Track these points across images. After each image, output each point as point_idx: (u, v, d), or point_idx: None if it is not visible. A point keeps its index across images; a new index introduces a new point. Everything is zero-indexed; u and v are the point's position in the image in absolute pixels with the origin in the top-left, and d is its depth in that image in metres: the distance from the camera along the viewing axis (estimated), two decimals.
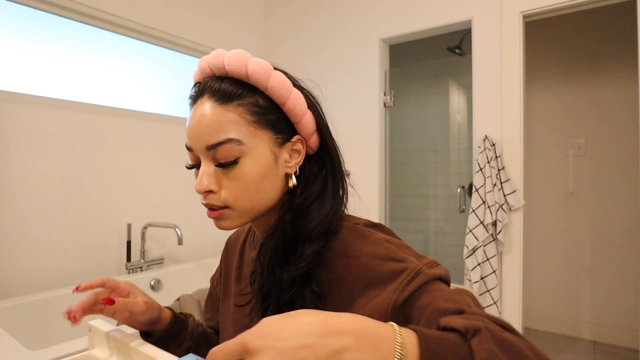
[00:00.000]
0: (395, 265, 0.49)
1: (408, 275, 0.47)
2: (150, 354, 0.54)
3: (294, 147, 0.57)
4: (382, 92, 2.24)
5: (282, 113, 0.55)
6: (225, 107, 0.52)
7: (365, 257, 0.51)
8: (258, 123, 0.53)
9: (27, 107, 1.54)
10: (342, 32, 2.35)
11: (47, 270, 1.58)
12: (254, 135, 0.53)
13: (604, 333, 2.51)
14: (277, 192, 0.56)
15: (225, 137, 0.51)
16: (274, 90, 0.53)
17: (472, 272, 1.79)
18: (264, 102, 0.54)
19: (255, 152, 0.53)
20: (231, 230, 0.62)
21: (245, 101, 0.53)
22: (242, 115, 0.53)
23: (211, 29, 2.30)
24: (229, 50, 0.55)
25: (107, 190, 1.78)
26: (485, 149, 1.80)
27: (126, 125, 1.87)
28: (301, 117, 0.55)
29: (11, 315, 1.30)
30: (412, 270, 0.47)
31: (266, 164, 0.54)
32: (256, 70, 0.52)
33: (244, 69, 0.53)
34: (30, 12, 1.60)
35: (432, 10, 2.04)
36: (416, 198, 2.54)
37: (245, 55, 0.54)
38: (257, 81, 0.53)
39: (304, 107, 0.56)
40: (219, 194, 0.53)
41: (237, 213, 0.55)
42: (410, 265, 0.48)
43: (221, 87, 0.54)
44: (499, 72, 1.84)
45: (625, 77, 2.49)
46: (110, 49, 1.88)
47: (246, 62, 0.53)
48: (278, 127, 0.55)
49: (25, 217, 1.52)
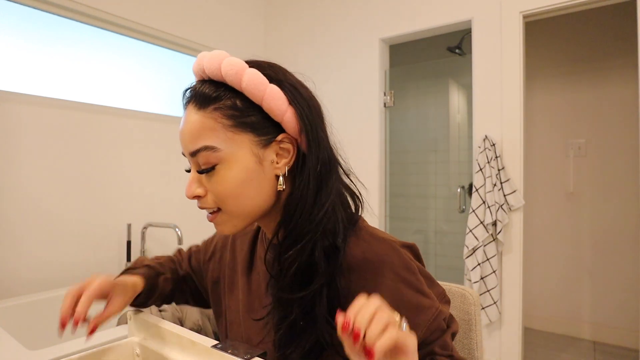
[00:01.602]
0: (423, 299, 0.53)
1: (433, 315, 0.52)
2: (193, 339, 0.57)
3: (282, 146, 0.54)
4: (382, 92, 2.24)
5: (264, 113, 0.53)
6: (202, 113, 0.52)
7: (399, 281, 0.53)
8: (236, 127, 0.52)
9: (27, 107, 1.54)
10: (342, 32, 2.35)
11: (47, 270, 1.58)
12: (232, 140, 0.52)
13: (604, 333, 2.51)
14: (266, 195, 0.55)
15: (202, 145, 0.52)
16: (248, 90, 0.51)
17: (472, 272, 1.79)
18: (242, 103, 0.52)
19: (233, 157, 0.52)
20: None
21: (222, 104, 0.52)
22: (218, 120, 0.52)
23: (211, 29, 2.30)
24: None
25: (107, 190, 1.78)
26: (485, 149, 1.80)
27: (126, 125, 1.87)
28: (282, 115, 0.53)
29: (11, 315, 1.30)
30: (435, 310, 0.53)
31: (247, 168, 0.52)
32: (228, 71, 0.51)
33: (218, 70, 0.52)
34: (30, 12, 1.60)
35: (432, 10, 2.04)
36: (416, 198, 2.54)
37: (220, 56, 0.52)
38: (232, 82, 0.52)
39: (282, 104, 0.52)
40: (206, 198, 0.54)
41: (228, 217, 0.55)
42: (434, 304, 0.53)
43: (201, 90, 0.53)
44: (499, 72, 1.84)
45: (625, 77, 2.49)
46: (110, 49, 1.88)
47: (220, 62, 0.52)
48: (260, 128, 0.53)
49: (25, 217, 1.52)
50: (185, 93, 0.57)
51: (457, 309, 0.80)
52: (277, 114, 0.52)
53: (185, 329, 0.61)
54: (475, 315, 0.78)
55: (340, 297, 0.52)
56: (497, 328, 1.83)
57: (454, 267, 2.21)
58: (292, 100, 0.53)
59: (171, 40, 2.11)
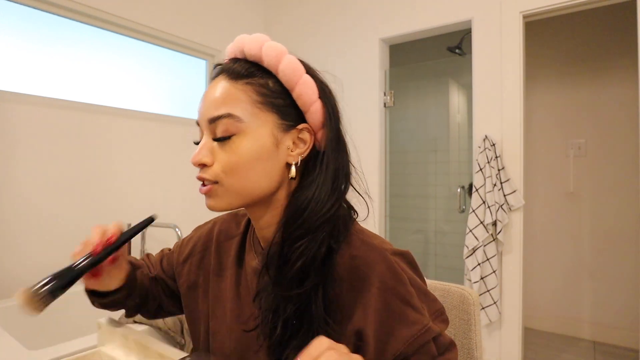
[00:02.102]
0: (411, 313, 0.50)
1: (419, 331, 0.49)
2: (161, 351, 0.55)
3: (300, 136, 0.55)
4: (382, 92, 2.24)
5: (291, 99, 0.54)
6: (233, 84, 0.53)
7: (386, 291, 0.50)
8: (263, 104, 0.53)
9: (27, 107, 1.54)
10: (342, 32, 2.35)
11: (46, 270, 1.57)
12: (256, 115, 0.53)
13: (604, 333, 2.51)
14: (271, 180, 0.54)
15: (226, 112, 0.52)
16: (284, 73, 0.53)
17: (472, 272, 1.79)
18: (274, 85, 0.54)
19: (254, 132, 0.52)
20: (219, 213, 0.59)
21: (254, 81, 0.53)
22: (248, 93, 0.53)
23: (211, 29, 2.30)
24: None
25: (107, 190, 1.78)
26: (485, 149, 1.80)
27: (126, 125, 1.87)
28: (309, 105, 0.54)
29: (11, 315, 1.30)
30: (422, 327, 0.49)
31: (264, 146, 0.53)
32: (269, 52, 0.53)
33: (259, 50, 0.54)
34: (30, 12, 1.60)
35: (432, 10, 2.04)
36: (416, 198, 2.54)
37: (262, 38, 0.55)
38: (269, 63, 0.53)
39: (313, 95, 0.54)
40: (211, 167, 0.53)
41: (225, 190, 0.53)
42: (423, 320, 0.50)
43: (235, 66, 0.55)
44: (499, 72, 1.84)
45: (625, 77, 2.49)
46: (110, 49, 1.88)
47: (262, 44, 0.54)
48: (285, 113, 0.54)
49: (25, 217, 1.52)
50: (215, 67, 0.58)
51: (457, 309, 0.80)
52: (306, 102, 0.54)
53: (155, 340, 0.59)
54: (475, 315, 0.78)
55: (331, 304, 0.51)
56: (497, 328, 1.83)
57: (454, 267, 2.21)
58: (322, 94, 0.55)
59: (171, 40, 2.11)
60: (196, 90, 2.33)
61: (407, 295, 0.50)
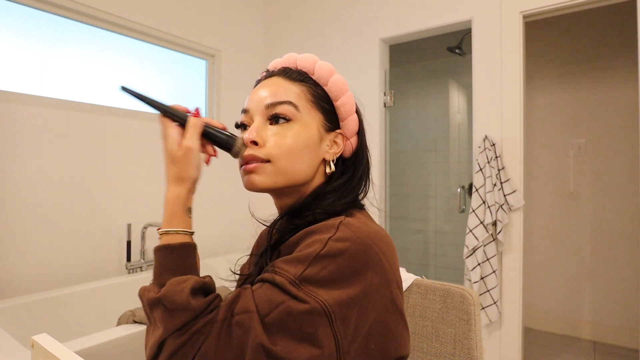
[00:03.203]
0: (294, 260, 0.49)
1: (272, 267, 0.50)
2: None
3: (335, 139, 0.63)
4: (382, 92, 2.24)
5: (333, 108, 0.63)
6: (291, 82, 0.61)
7: (308, 234, 0.53)
8: (314, 104, 0.61)
9: (27, 107, 1.54)
10: (342, 32, 2.35)
11: (47, 270, 1.58)
12: (309, 110, 0.60)
13: (604, 333, 2.51)
14: (312, 170, 0.60)
15: (288, 99, 0.59)
16: (334, 84, 0.62)
17: (472, 272, 1.79)
18: (322, 92, 0.62)
19: (306, 123, 0.59)
20: (255, 193, 0.61)
21: (307, 84, 0.61)
22: (303, 92, 0.61)
23: (211, 29, 2.30)
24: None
25: (107, 190, 1.78)
26: (485, 149, 1.80)
27: (126, 125, 1.87)
28: (348, 115, 0.63)
29: (11, 315, 1.30)
30: (274, 266, 0.50)
31: (312, 137, 0.59)
32: (323, 66, 0.62)
33: (312, 66, 0.63)
34: (30, 12, 1.60)
35: (432, 10, 2.04)
36: (416, 198, 2.54)
37: (314, 57, 0.64)
38: (320, 76, 0.62)
39: (351, 108, 0.64)
40: (265, 147, 0.57)
41: (275, 170, 0.57)
42: (285, 265, 0.49)
43: (289, 72, 0.63)
44: (499, 72, 1.84)
45: (625, 77, 2.49)
46: (110, 49, 1.88)
47: (315, 60, 0.63)
48: (328, 115, 0.62)
49: (25, 217, 1.52)
50: (267, 71, 0.66)
51: (457, 309, 0.80)
52: (347, 111, 0.63)
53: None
54: (475, 315, 0.78)
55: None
56: (497, 328, 1.83)
57: (454, 267, 2.22)
58: (357, 109, 0.66)
59: (171, 40, 2.11)
60: (196, 90, 2.33)
61: (310, 257, 0.48)
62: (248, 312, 0.46)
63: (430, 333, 0.84)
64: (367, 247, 0.50)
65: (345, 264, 0.48)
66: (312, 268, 0.47)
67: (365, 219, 0.57)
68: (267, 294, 0.47)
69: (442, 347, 0.81)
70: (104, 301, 1.57)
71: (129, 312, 1.26)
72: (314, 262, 0.47)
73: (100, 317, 1.52)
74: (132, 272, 1.79)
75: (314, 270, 0.47)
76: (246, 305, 0.46)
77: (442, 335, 0.82)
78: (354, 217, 0.55)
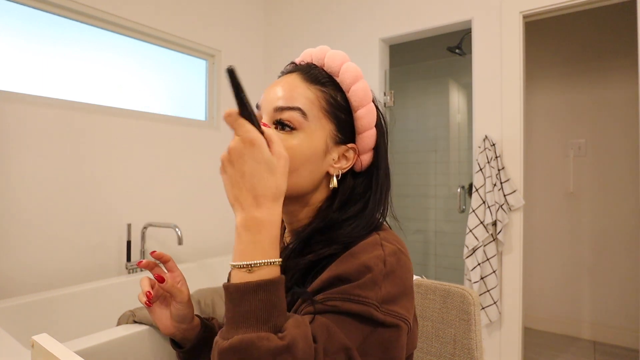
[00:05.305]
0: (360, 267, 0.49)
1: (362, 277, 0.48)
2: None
3: (346, 153, 0.59)
4: (382, 92, 2.24)
5: (351, 118, 0.59)
6: (307, 85, 0.57)
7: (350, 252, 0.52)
8: (327, 113, 0.57)
9: (27, 107, 1.54)
10: (342, 32, 2.35)
11: (47, 270, 1.58)
12: (319, 120, 0.56)
13: (604, 333, 2.51)
14: (311, 183, 0.57)
15: (297, 106, 0.55)
16: (355, 93, 0.57)
17: (472, 272, 1.79)
18: (341, 100, 0.58)
19: (312, 134, 0.56)
20: None
21: (326, 90, 0.57)
22: (318, 98, 0.57)
23: (211, 29, 2.30)
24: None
25: (107, 190, 1.78)
26: (485, 149, 1.80)
27: (126, 125, 1.87)
28: (366, 129, 0.58)
29: (11, 315, 1.30)
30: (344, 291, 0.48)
31: (316, 150, 0.56)
32: (348, 70, 0.58)
33: (338, 66, 0.58)
34: (30, 12, 1.60)
35: (432, 10, 2.04)
36: (416, 198, 2.54)
37: (345, 56, 0.60)
38: (344, 80, 0.58)
39: (372, 121, 0.59)
40: None
41: None
42: (370, 298, 0.48)
43: (312, 71, 0.59)
44: (499, 72, 1.84)
45: (625, 77, 2.49)
46: (110, 49, 1.88)
47: (343, 61, 0.59)
48: (342, 127, 0.58)
49: (25, 217, 1.52)
50: (291, 63, 0.63)
51: (457, 309, 0.80)
52: (364, 125, 0.58)
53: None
54: (475, 315, 0.78)
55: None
56: (497, 328, 1.83)
57: (454, 267, 2.22)
58: (378, 123, 0.61)
59: (171, 40, 2.11)
60: (196, 90, 2.33)
61: (372, 268, 0.48)
62: (346, 349, 0.45)
63: (431, 333, 0.84)
64: (405, 255, 0.54)
65: (404, 275, 0.51)
66: (386, 288, 0.48)
67: (387, 227, 0.60)
68: (352, 324, 0.46)
69: (442, 347, 0.81)
70: (104, 301, 1.57)
71: (129, 312, 1.26)
72: (384, 281, 0.48)
73: (100, 317, 1.52)
74: (132, 272, 1.79)
75: (387, 289, 0.48)
76: (340, 342, 0.45)
77: (442, 335, 0.82)
78: (383, 230, 0.57)
